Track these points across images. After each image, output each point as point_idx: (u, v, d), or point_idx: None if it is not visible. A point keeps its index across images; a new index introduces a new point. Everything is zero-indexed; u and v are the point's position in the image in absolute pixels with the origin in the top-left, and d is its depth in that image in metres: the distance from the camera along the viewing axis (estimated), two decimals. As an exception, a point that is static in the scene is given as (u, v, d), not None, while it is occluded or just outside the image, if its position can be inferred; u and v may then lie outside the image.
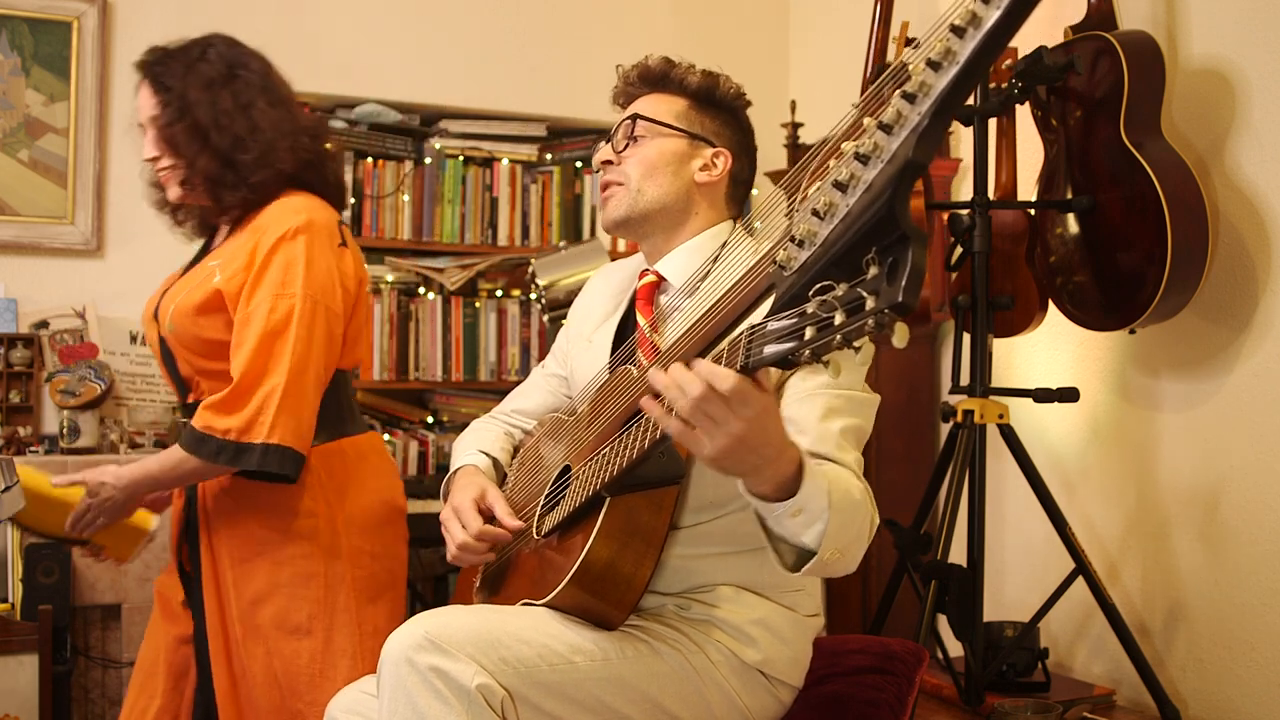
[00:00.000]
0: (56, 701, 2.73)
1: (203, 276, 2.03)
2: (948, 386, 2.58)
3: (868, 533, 1.46)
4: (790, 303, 1.12)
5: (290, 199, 2.04)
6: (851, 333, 1.02)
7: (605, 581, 1.48)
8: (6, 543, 2.84)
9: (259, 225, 2.02)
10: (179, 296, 2.04)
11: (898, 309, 0.98)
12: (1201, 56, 2.48)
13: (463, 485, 1.77)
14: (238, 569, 2.02)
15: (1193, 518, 2.51)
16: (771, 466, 1.31)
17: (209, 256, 2.10)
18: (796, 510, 1.33)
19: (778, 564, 1.40)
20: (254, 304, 1.95)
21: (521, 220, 3.60)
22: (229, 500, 2.05)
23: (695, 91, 1.76)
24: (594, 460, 1.51)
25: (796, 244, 1.12)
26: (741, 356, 1.20)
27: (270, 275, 1.95)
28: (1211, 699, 2.46)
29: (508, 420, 1.99)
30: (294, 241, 1.98)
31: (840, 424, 1.52)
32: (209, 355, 2.02)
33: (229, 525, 2.04)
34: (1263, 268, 2.37)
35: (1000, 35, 0.95)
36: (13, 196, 3.17)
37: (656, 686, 1.53)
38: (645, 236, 1.78)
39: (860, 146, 1.05)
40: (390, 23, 3.52)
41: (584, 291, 1.96)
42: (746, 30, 3.94)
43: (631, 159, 1.74)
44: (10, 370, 3.11)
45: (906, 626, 2.72)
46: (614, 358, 1.73)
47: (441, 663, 1.40)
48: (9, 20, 3.16)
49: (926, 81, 0.99)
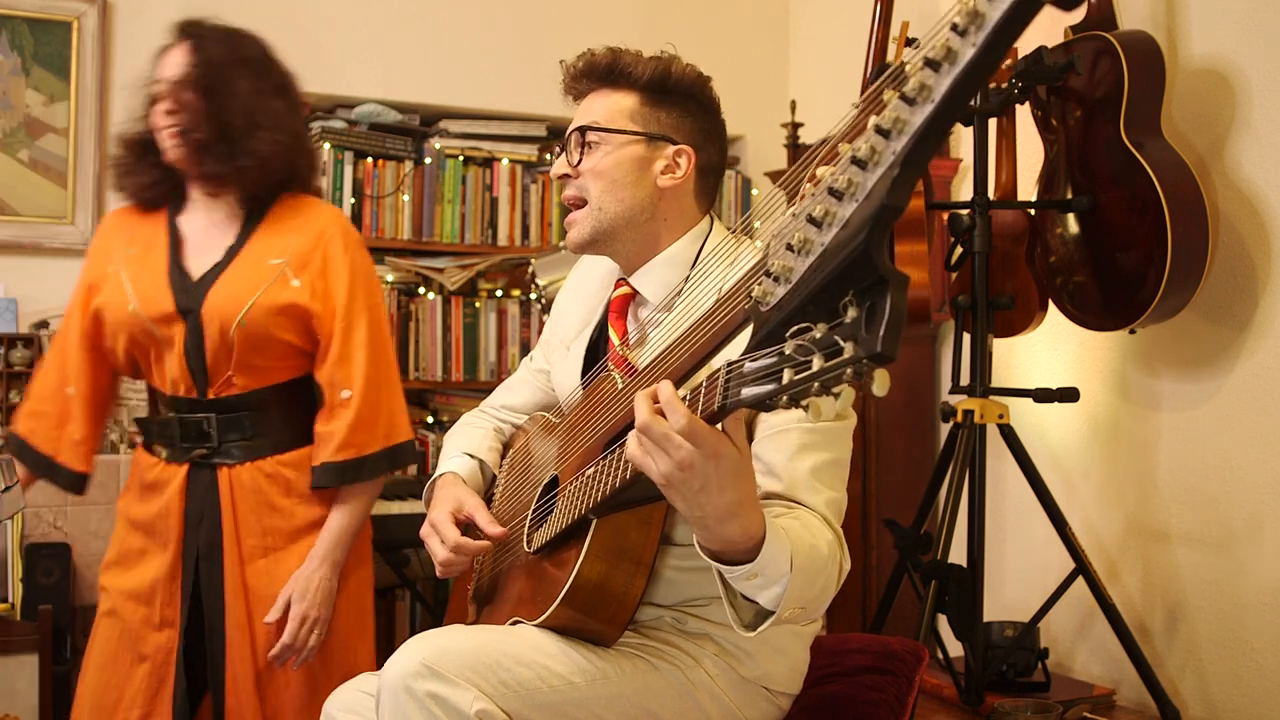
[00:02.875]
0: (56, 701, 2.73)
1: (268, 274, 2.06)
2: (948, 386, 2.58)
3: (834, 585, 1.40)
4: (767, 339, 1.05)
5: (328, 205, 2.18)
6: (830, 380, 0.96)
7: (597, 601, 1.46)
8: (6, 543, 2.84)
9: (320, 229, 2.11)
10: (244, 292, 2.05)
11: (876, 359, 0.92)
12: (1201, 56, 2.48)
13: (440, 499, 1.75)
14: (275, 567, 2.10)
15: (1193, 518, 2.51)
16: (720, 526, 1.24)
17: (258, 248, 2.10)
18: (752, 574, 1.28)
19: (734, 622, 1.34)
20: (354, 315, 2.09)
21: (521, 220, 3.60)
22: (267, 501, 2.11)
23: (647, 83, 1.64)
24: (579, 480, 1.48)
25: (772, 279, 1.06)
26: (719, 397, 1.14)
27: (360, 285, 2.10)
28: (1211, 699, 2.46)
29: (496, 416, 1.97)
30: (362, 249, 2.15)
31: (812, 462, 1.45)
32: (268, 353, 2.07)
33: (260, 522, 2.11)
34: (1263, 268, 2.37)
35: (978, 70, 0.88)
36: (13, 196, 3.17)
37: (656, 702, 1.51)
38: (615, 252, 1.70)
39: (835, 181, 0.98)
40: (390, 23, 3.52)
41: (564, 287, 1.91)
42: (746, 30, 3.94)
43: (589, 173, 1.64)
44: (10, 370, 3.11)
45: (906, 626, 2.72)
46: (588, 375, 1.69)
47: (440, 689, 1.38)
48: (9, 20, 3.16)
49: (901, 117, 0.93)
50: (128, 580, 2.11)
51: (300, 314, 2.07)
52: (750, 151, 3.88)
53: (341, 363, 2.07)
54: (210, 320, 2.04)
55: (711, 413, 1.16)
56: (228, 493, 2.08)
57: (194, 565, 2.08)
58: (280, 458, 2.11)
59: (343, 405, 2.07)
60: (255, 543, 2.08)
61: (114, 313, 2.10)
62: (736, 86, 2.17)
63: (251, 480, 2.09)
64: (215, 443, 2.08)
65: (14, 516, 2.73)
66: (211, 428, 2.08)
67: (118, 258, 2.14)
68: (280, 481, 2.10)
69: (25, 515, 2.89)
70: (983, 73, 0.87)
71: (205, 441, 2.08)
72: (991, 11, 0.84)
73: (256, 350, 2.06)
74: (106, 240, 2.21)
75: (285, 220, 2.12)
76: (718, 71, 1.84)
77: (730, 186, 3.77)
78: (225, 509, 2.07)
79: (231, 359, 2.05)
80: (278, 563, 2.09)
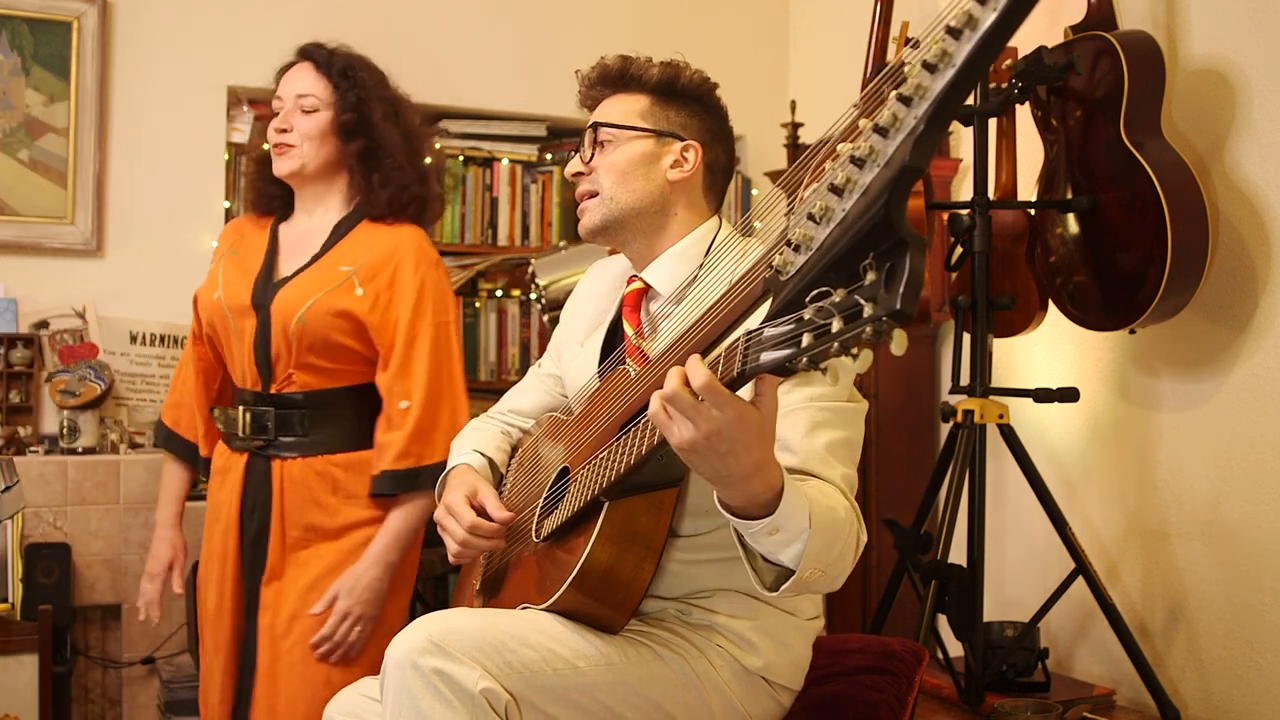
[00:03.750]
0: (56, 701, 2.73)
1: (335, 279, 2.16)
2: (948, 386, 2.58)
3: (853, 552, 1.42)
4: (787, 308, 1.09)
5: (411, 226, 2.26)
6: (849, 340, 0.99)
7: (605, 585, 1.47)
8: (6, 543, 2.84)
9: (395, 246, 2.19)
10: (308, 292, 2.15)
11: (896, 317, 0.95)
12: (1201, 56, 2.48)
13: (454, 484, 1.78)
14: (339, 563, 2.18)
15: (1193, 518, 2.51)
16: (744, 483, 1.27)
17: (335, 257, 2.19)
18: (773, 529, 1.30)
19: (755, 583, 1.37)
20: (418, 330, 2.16)
21: (521, 220, 3.60)
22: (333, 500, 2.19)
23: (656, 86, 1.73)
24: (592, 464, 1.51)
25: (793, 248, 1.10)
26: (739, 363, 1.17)
27: (427, 302, 2.17)
28: (1211, 699, 2.46)
29: (504, 420, 1.99)
30: (437, 268, 2.23)
31: (827, 438, 1.49)
32: (325, 354, 2.16)
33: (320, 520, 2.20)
34: (1263, 268, 2.37)
35: (997, 37, 0.93)
36: (13, 196, 3.17)
37: (659, 691, 1.53)
38: (626, 243, 1.76)
39: (856, 150, 1.02)
40: (390, 23, 3.52)
41: (576, 290, 1.95)
42: (746, 30, 3.94)
43: (601, 167, 1.72)
44: (10, 370, 3.11)
45: (906, 626, 2.72)
46: (604, 365, 1.72)
47: (446, 666, 1.39)
48: (9, 20, 3.16)
49: (923, 84, 0.97)
50: (206, 565, 2.26)
51: (358, 322, 2.15)
52: (750, 151, 3.88)
53: (402, 375, 2.15)
54: (276, 316, 2.16)
55: (731, 379, 1.19)
56: (279, 484, 2.18)
57: (244, 550, 2.20)
58: (332, 457, 2.19)
59: (401, 415, 2.15)
60: (298, 535, 2.17)
61: (204, 300, 2.28)
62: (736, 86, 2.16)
63: (301, 475, 2.18)
64: (272, 435, 2.19)
65: (14, 516, 2.73)
66: (270, 421, 2.18)
67: (223, 256, 2.31)
68: (328, 479, 2.18)
69: (25, 515, 2.89)
70: (1001, 40, 0.91)
71: (264, 434, 2.19)
72: None
73: (314, 349, 2.15)
74: (224, 242, 2.38)
75: (367, 235, 2.22)
76: (718, 71, 1.85)
77: (731, 186, 3.76)
78: (275, 499, 2.17)
79: (292, 356, 2.16)
80: (315, 556, 2.17)
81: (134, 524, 3.05)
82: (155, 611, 2.33)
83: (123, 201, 3.26)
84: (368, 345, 2.18)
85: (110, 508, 3.04)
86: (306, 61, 2.26)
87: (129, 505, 3.06)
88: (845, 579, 1.43)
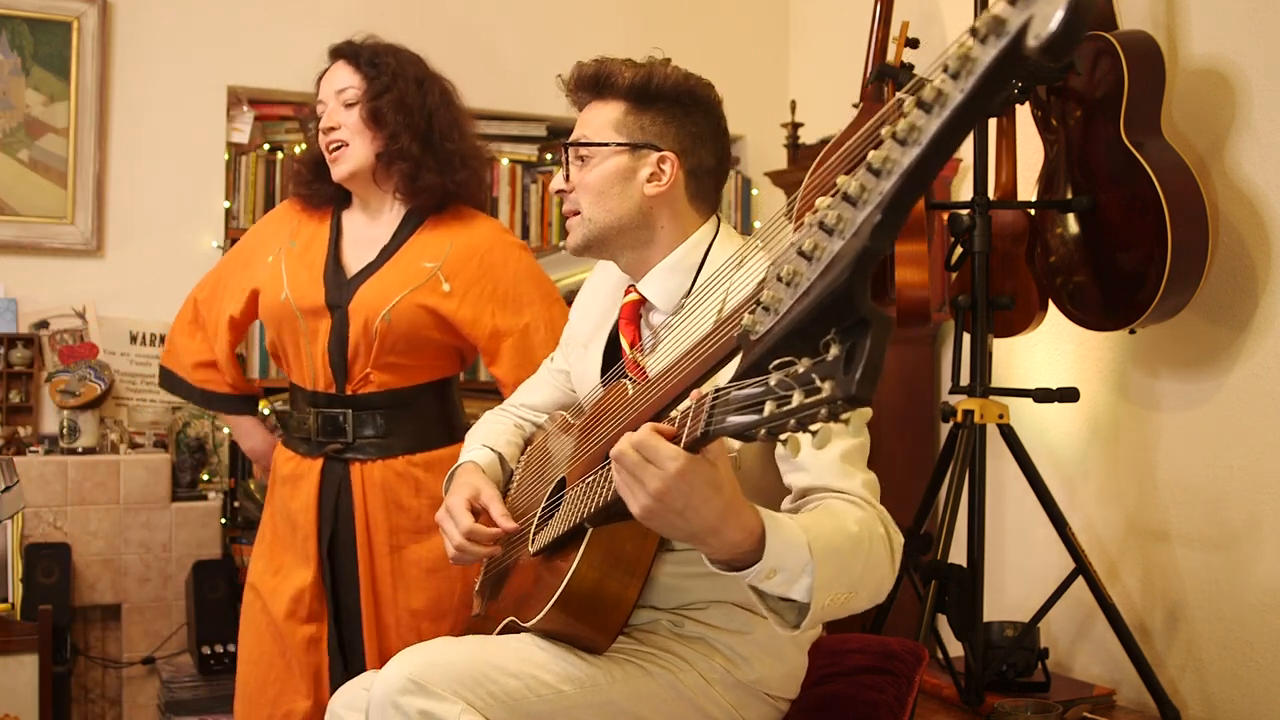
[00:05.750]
0: (56, 701, 2.73)
1: (419, 276, 2.12)
2: (948, 386, 2.58)
3: (886, 562, 1.38)
4: (753, 370, 1.06)
5: (488, 216, 2.24)
6: (805, 418, 0.96)
7: (589, 607, 1.46)
8: (6, 543, 2.84)
9: (477, 239, 2.17)
10: (392, 290, 2.11)
11: (851, 402, 0.91)
12: (1201, 56, 2.48)
13: (458, 485, 1.77)
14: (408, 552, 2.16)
15: (1193, 518, 2.51)
16: (715, 536, 1.24)
17: (413, 253, 2.16)
18: (769, 572, 1.26)
19: (778, 625, 1.32)
20: (529, 317, 2.16)
21: (521, 220, 3.60)
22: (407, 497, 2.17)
23: (629, 91, 1.66)
24: (582, 486, 1.49)
25: (763, 308, 1.05)
26: (703, 423, 1.15)
27: (525, 289, 2.16)
28: (1211, 699, 2.46)
29: (517, 414, 1.98)
30: (525, 253, 2.21)
31: (838, 449, 1.44)
32: (409, 351, 2.13)
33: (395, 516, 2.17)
34: (1263, 268, 2.37)
35: (966, 115, 0.87)
36: (13, 196, 3.17)
37: (648, 708, 1.51)
38: (615, 257, 1.72)
39: (826, 216, 0.97)
40: (389, 23, 3.51)
41: (585, 285, 1.93)
42: (746, 30, 3.94)
43: (580, 186, 1.68)
44: (10, 370, 3.11)
45: (906, 626, 2.72)
46: (606, 375, 1.71)
47: (428, 705, 1.39)
48: (9, 20, 3.16)
49: (891, 156, 0.92)
50: (273, 574, 2.19)
51: (444, 318, 2.13)
52: (750, 151, 3.88)
53: (523, 365, 2.13)
54: (356, 315, 2.11)
55: (694, 439, 1.17)
56: (359, 488, 2.14)
57: (329, 558, 2.15)
58: (412, 458, 2.17)
59: None
60: (383, 539, 2.14)
61: (268, 299, 2.20)
62: (736, 86, 2.17)
63: (382, 477, 2.15)
64: (350, 438, 2.15)
65: (14, 516, 2.73)
66: (347, 423, 2.14)
67: (280, 248, 2.23)
68: (410, 480, 2.16)
69: (25, 515, 2.89)
70: (971, 118, 0.86)
71: (340, 436, 2.15)
72: (983, 56, 0.83)
73: (398, 347, 2.12)
74: (275, 225, 2.31)
75: (444, 228, 2.19)
76: (718, 72, 1.84)
77: (730, 186, 3.77)
78: (358, 503, 2.14)
79: (371, 355, 2.12)
80: (402, 559, 2.14)
81: (134, 524, 3.05)
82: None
83: (123, 201, 3.26)
84: (454, 338, 2.16)
85: (110, 508, 3.04)
86: (339, 59, 2.25)
87: (129, 505, 3.06)
88: (889, 588, 1.40)
